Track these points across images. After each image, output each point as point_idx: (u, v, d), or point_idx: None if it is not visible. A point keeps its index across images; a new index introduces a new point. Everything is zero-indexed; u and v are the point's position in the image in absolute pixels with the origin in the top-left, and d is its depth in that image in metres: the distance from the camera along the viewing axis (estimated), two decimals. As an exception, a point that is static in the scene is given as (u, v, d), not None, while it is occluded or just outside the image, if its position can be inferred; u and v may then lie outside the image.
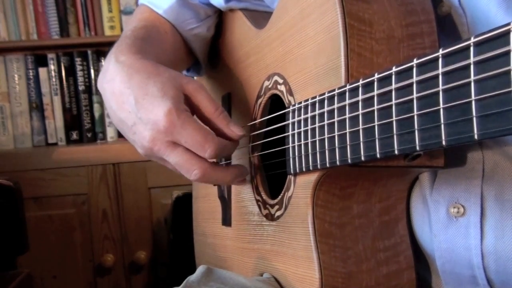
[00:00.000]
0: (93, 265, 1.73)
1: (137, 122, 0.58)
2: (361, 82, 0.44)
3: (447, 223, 0.51)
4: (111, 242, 1.73)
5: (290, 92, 0.59)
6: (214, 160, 0.64)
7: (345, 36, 0.47)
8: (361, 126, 0.44)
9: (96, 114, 1.83)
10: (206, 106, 0.60)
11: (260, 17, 0.73)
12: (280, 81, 0.61)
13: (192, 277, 0.60)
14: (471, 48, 0.33)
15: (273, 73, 0.63)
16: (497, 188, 0.48)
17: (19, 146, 1.81)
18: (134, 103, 0.58)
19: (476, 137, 0.33)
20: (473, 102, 0.33)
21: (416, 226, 0.56)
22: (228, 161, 0.74)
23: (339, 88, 0.47)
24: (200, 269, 0.62)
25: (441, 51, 0.36)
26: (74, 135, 1.83)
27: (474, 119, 0.33)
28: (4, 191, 1.27)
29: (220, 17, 0.84)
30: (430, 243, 0.54)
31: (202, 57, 0.84)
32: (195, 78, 0.91)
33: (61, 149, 1.77)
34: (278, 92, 0.62)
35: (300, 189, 0.55)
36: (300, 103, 0.54)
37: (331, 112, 0.48)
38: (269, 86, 0.65)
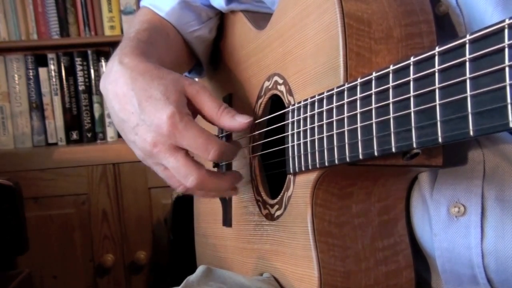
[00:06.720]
0: (93, 265, 1.73)
1: (140, 124, 0.59)
2: (359, 81, 0.44)
3: (448, 222, 0.51)
4: (111, 242, 1.73)
5: (290, 92, 0.59)
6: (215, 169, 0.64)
7: (343, 36, 0.47)
8: (359, 124, 0.44)
9: (96, 114, 1.83)
10: (209, 106, 0.61)
11: (261, 19, 0.73)
12: (280, 81, 0.61)
13: (191, 277, 0.60)
14: (467, 46, 0.33)
15: (273, 73, 0.64)
16: (497, 188, 0.48)
17: (19, 146, 1.81)
18: (137, 105, 0.58)
19: (471, 133, 0.33)
20: (469, 99, 0.33)
21: (416, 225, 0.56)
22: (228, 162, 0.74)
23: (337, 87, 0.47)
24: (199, 269, 0.62)
25: (437, 49, 0.36)
26: (74, 135, 1.83)
27: (470, 115, 0.33)
28: (4, 191, 1.27)
29: (222, 19, 0.84)
30: (430, 242, 0.54)
31: (204, 59, 0.84)
32: (196, 79, 0.92)
33: (61, 149, 1.77)
34: (278, 92, 0.62)
35: (300, 188, 0.56)
36: (300, 102, 0.54)
37: (329, 111, 0.48)
38: (269, 87, 0.65)
